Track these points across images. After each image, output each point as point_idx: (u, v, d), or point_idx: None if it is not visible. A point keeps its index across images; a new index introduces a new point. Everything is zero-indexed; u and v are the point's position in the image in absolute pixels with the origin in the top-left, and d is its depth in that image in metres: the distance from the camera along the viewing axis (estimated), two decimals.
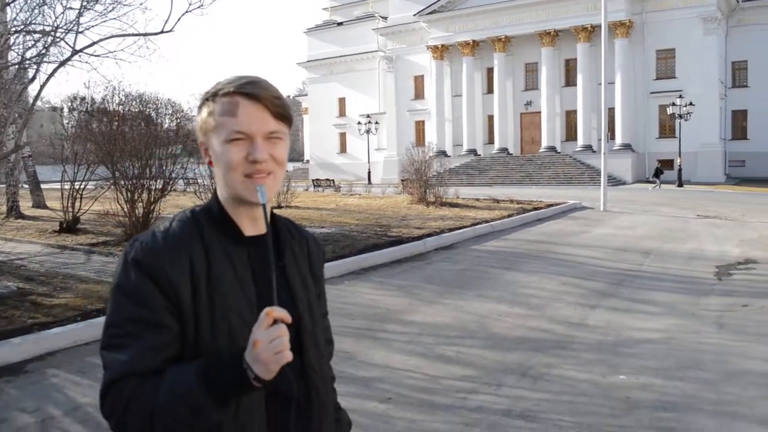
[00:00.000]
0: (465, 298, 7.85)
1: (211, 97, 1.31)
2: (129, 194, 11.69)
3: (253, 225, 1.33)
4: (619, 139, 38.56)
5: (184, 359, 1.23)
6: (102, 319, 4.93)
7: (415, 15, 46.08)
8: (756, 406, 4.40)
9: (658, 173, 32.98)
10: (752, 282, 8.76)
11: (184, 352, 1.24)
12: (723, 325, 6.55)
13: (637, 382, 4.90)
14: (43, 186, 20.28)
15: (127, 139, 11.77)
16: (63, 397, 4.60)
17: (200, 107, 1.34)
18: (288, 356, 1.12)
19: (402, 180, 23.42)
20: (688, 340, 6.05)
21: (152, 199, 11.93)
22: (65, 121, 16.86)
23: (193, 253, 1.27)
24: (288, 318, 1.14)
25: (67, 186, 13.30)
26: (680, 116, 34.36)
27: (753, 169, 40.62)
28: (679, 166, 34.25)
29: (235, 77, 1.31)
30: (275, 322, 1.12)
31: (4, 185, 16.58)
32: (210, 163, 1.34)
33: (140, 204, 11.81)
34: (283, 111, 1.30)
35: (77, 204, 13.20)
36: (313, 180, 36.42)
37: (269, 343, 1.10)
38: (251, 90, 1.27)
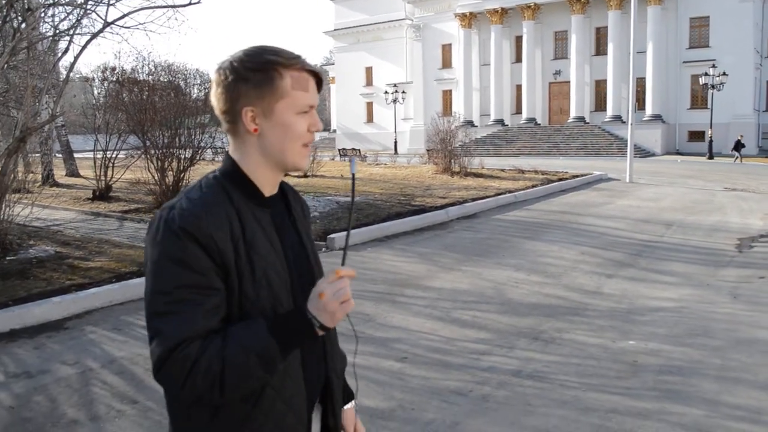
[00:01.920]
0: (484, 266, 8.04)
1: (279, 66, 1.35)
2: (159, 163, 12.01)
3: (272, 188, 1.43)
4: (649, 110, 38.05)
5: (230, 319, 1.30)
6: (137, 281, 5.28)
7: None
8: (760, 372, 4.54)
9: (738, 146, 31.83)
10: None
11: (230, 311, 1.30)
12: (737, 296, 6.65)
13: (646, 347, 5.07)
14: (75, 155, 20.79)
15: (157, 108, 12.05)
16: (100, 351, 4.92)
17: (266, 73, 1.35)
18: (352, 304, 1.26)
19: (427, 150, 23.50)
20: (701, 309, 6.17)
21: (182, 168, 12.25)
22: (96, 91, 17.14)
23: (230, 215, 1.32)
24: (353, 274, 1.28)
25: (99, 155, 13.69)
26: (713, 86, 33.77)
27: None
28: (710, 137, 33.72)
29: (287, 52, 1.38)
30: (340, 278, 1.26)
31: (39, 154, 17.03)
32: (255, 131, 1.37)
33: (170, 172, 12.14)
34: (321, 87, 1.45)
35: (109, 172, 13.59)
36: (339, 150, 36.58)
37: (334, 294, 1.24)
38: (312, 68, 1.40)
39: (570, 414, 3.86)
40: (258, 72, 1.35)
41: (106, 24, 7.91)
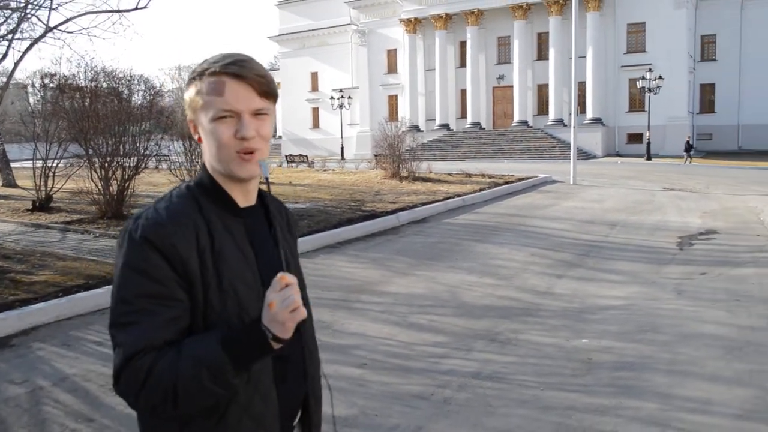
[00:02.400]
0: (437, 270, 8.11)
1: (198, 76, 1.35)
2: (103, 172, 11.69)
3: (245, 197, 1.41)
4: (589, 113, 39.07)
5: (194, 330, 1.29)
6: (84, 294, 5.12)
7: None
8: (706, 365, 4.72)
9: (688, 148, 32.91)
10: (711, 251, 9.14)
11: (194, 323, 1.30)
12: (681, 292, 6.89)
13: (599, 345, 5.20)
14: (12, 164, 20.04)
15: (100, 116, 11.73)
16: (50, 369, 4.75)
17: (188, 86, 1.37)
18: (303, 312, 1.20)
19: (375, 155, 23.57)
20: (648, 306, 6.37)
21: (126, 177, 11.95)
22: (33, 98, 16.57)
23: (197, 226, 1.32)
24: (297, 283, 1.22)
25: (38, 164, 13.23)
26: (650, 90, 34.91)
27: (719, 142, 41.58)
28: (648, 139, 34.85)
29: (220, 56, 1.35)
30: (287, 285, 1.20)
31: None
32: (199, 140, 1.38)
33: (114, 181, 11.82)
34: (268, 89, 1.35)
35: (50, 182, 13.15)
36: (286, 156, 36.34)
37: (283, 302, 1.18)
38: (236, 70, 1.31)
39: (530, 413, 3.93)
40: (189, 83, 1.38)
41: (48, 29, 7.70)
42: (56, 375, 4.60)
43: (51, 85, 14.15)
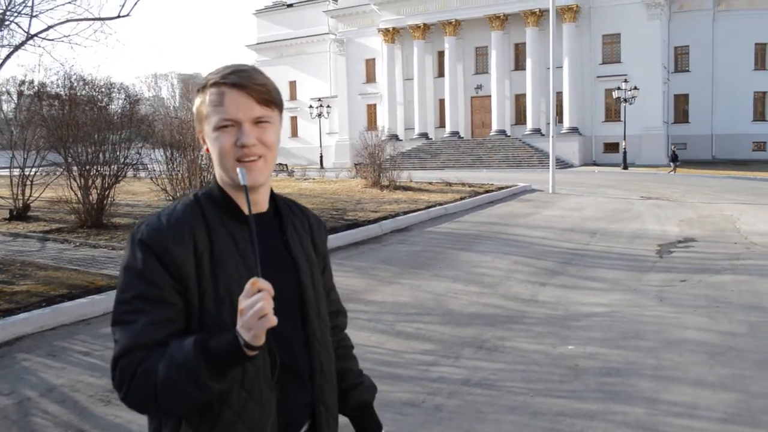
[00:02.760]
0: (422, 278, 8.15)
1: (202, 88, 1.39)
2: (83, 180, 11.58)
3: (253, 205, 1.39)
4: (566, 123, 39.51)
5: (190, 334, 1.29)
6: (68, 304, 5.10)
7: None
8: (690, 370, 4.81)
9: (675, 157, 33.18)
10: (690, 259, 9.31)
11: (190, 326, 1.32)
12: (663, 299, 7.01)
13: (585, 351, 5.27)
14: None
15: (80, 123, 11.62)
16: (36, 379, 4.70)
17: (195, 98, 1.42)
18: (272, 320, 1.17)
19: (355, 164, 23.61)
20: (631, 313, 6.47)
21: (106, 185, 11.84)
22: (6, 106, 16.34)
23: (196, 231, 1.35)
24: (271, 289, 1.19)
25: (16, 172, 13.05)
26: (625, 100, 35.45)
27: (693, 151, 42.26)
28: (624, 149, 35.36)
29: (222, 67, 1.39)
30: (259, 291, 1.18)
31: None
32: (207, 150, 1.42)
33: (94, 190, 11.71)
34: (269, 97, 1.38)
35: (27, 191, 12.98)
36: None
37: (252, 309, 1.16)
38: (235, 79, 1.34)
39: (521, 419, 3.98)
40: (195, 95, 1.42)
41: (29, 36, 7.62)
42: (43, 386, 4.55)
43: (28, 92, 13.99)
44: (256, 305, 1.16)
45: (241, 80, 1.35)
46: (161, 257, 1.31)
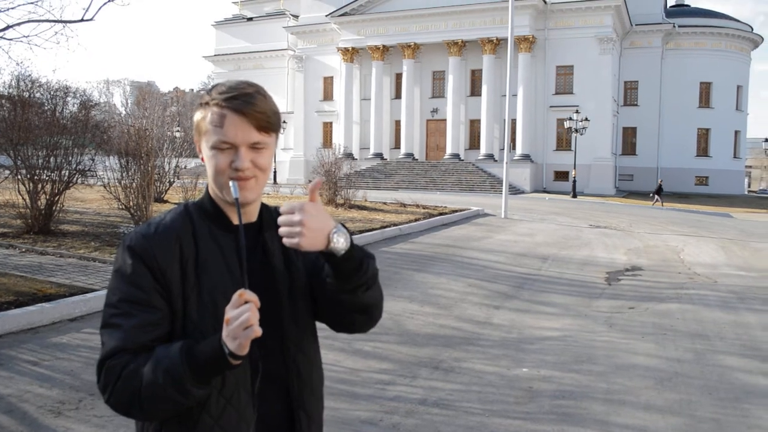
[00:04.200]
0: None
1: (206, 104, 1.41)
2: (31, 184, 11.24)
3: (242, 216, 1.42)
4: (519, 150, 40.25)
5: (173, 338, 1.34)
6: (15, 312, 4.95)
7: (326, 16, 46.31)
8: (641, 394, 4.95)
9: (659, 190, 33.83)
10: (637, 287, 9.59)
11: (174, 331, 1.36)
12: (612, 325, 7.20)
13: (539, 374, 5.37)
14: None
15: (32, 126, 11.31)
16: None
17: (197, 109, 1.44)
18: (257, 331, 1.20)
19: (310, 181, 23.54)
20: (583, 337, 6.62)
21: (56, 191, 11.53)
22: None
23: (183, 238, 1.39)
24: (257, 301, 1.22)
25: None
26: (576, 130, 36.35)
27: (640, 183, 43.72)
28: (574, 178, 36.23)
29: (228, 87, 1.40)
30: (246, 302, 1.21)
31: None
32: (203, 160, 1.44)
33: (43, 195, 11.38)
34: (267, 124, 1.41)
35: None
36: None
37: (237, 319, 1.20)
38: (238, 105, 1.37)
39: None
40: (198, 107, 1.45)
41: None
42: None
43: None
44: (242, 316, 1.20)
45: (244, 107, 1.38)
46: (147, 261, 1.36)
